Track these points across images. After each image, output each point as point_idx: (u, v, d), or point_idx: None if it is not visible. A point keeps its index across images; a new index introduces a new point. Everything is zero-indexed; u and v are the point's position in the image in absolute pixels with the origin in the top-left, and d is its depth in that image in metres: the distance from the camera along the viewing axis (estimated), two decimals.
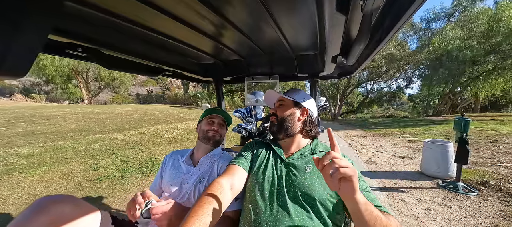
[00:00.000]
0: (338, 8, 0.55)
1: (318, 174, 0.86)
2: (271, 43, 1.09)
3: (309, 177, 0.85)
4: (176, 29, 0.87)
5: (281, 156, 0.97)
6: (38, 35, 0.46)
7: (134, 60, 1.10)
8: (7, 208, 2.41)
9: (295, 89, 1.10)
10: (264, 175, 0.91)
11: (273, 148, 1.01)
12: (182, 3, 0.67)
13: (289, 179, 0.87)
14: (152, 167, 3.94)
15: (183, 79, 1.66)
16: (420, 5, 0.54)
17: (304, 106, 1.02)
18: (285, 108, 1.02)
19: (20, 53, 0.43)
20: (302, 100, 1.02)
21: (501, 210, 2.66)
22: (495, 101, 20.97)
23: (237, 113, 2.57)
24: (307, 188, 0.82)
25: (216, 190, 0.78)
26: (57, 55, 0.85)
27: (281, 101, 1.05)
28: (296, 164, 0.91)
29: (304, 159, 0.93)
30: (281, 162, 0.95)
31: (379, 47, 0.81)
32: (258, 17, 0.78)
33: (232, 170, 0.92)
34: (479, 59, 13.91)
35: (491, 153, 5.10)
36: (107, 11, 0.69)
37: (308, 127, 1.02)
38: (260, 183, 0.89)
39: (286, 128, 0.99)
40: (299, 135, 1.01)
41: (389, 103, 31.41)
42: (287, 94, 1.05)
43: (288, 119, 0.99)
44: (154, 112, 12.42)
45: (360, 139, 8.65)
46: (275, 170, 0.92)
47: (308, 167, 0.89)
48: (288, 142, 1.01)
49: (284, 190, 0.84)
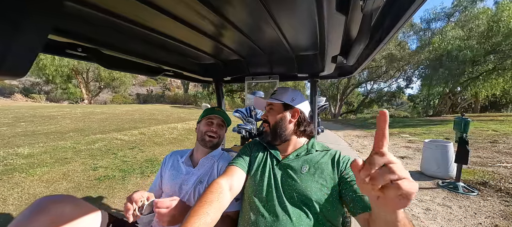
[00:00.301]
0: (338, 8, 0.55)
1: (314, 174, 0.86)
2: (271, 43, 1.08)
3: (305, 178, 0.85)
4: (176, 29, 0.87)
5: (277, 157, 0.96)
6: (38, 35, 0.46)
7: (134, 60, 1.10)
8: (7, 208, 2.41)
9: (282, 88, 1.05)
10: (261, 177, 0.91)
11: (270, 150, 1.00)
12: (182, 3, 0.67)
13: (286, 181, 0.87)
14: (152, 167, 3.94)
15: (183, 79, 1.66)
16: (420, 5, 0.54)
17: (294, 107, 0.99)
18: (275, 113, 0.99)
19: (20, 53, 0.43)
20: (291, 101, 0.99)
21: (501, 210, 2.66)
22: (495, 101, 20.97)
23: (237, 113, 2.57)
24: (303, 189, 0.82)
25: (215, 190, 0.78)
26: (57, 55, 0.85)
27: (270, 105, 1.02)
28: (292, 165, 0.91)
29: (300, 160, 0.93)
30: (278, 163, 0.94)
31: (379, 47, 0.81)
32: (258, 17, 0.78)
33: (231, 171, 0.92)
34: (479, 59, 13.92)
35: (491, 153, 5.10)
36: (107, 11, 0.69)
37: (302, 127, 1.00)
38: (258, 185, 0.90)
39: (280, 134, 0.97)
40: (294, 137, 1.00)
41: (389, 103, 31.37)
42: (275, 97, 1.02)
43: (280, 124, 0.97)
44: (154, 112, 12.42)
45: (360, 139, 8.65)
46: (272, 172, 0.92)
47: (304, 167, 0.88)
48: (284, 145, 1.00)
49: (281, 192, 0.84)
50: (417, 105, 25.20)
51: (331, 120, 21.75)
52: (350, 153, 6.02)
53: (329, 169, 0.87)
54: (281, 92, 1.03)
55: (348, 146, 7.21)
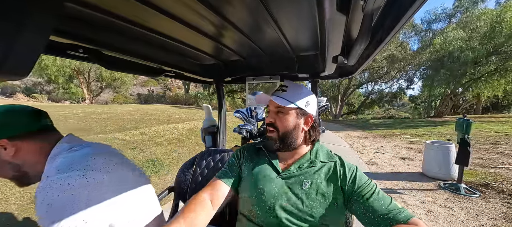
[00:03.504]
0: (339, 8, 0.55)
1: (316, 190, 0.78)
2: (271, 44, 1.08)
3: (306, 195, 0.78)
4: (177, 29, 0.87)
5: (277, 168, 0.85)
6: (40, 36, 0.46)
7: (135, 61, 1.11)
8: (9, 207, 2.42)
9: (294, 85, 0.87)
10: (257, 189, 0.83)
11: (268, 158, 0.89)
12: (183, 4, 0.67)
13: (285, 195, 0.79)
14: (153, 167, 3.94)
15: (184, 79, 1.67)
16: (420, 5, 0.53)
17: (308, 113, 0.85)
18: (287, 117, 0.82)
19: (22, 54, 0.43)
20: (306, 105, 0.83)
21: (503, 211, 2.64)
22: (497, 102, 20.85)
23: (238, 114, 2.58)
24: (305, 207, 0.76)
25: (199, 203, 0.77)
26: (58, 56, 0.86)
27: (280, 107, 0.83)
28: (293, 179, 0.82)
29: (302, 173, 0.82)
30: (277, 175, 0.84)
31: (379, 47, 0.81)
32: (259, 17, 0.78)
33: (215, 185, 0.86)
34: (480, 60, 13.86)
35: (493, 155, 5.07)
36: (108, 12, 0.69)
37: (313, 135, 0.88)
38: (255, 197, 0.82)
39: (290, 144, 0.83)
40: (302, 145, 0.87)
41: (390, 104, 31.31)
42: (287, 97, 0.82)
43: (292, 133, 0.83)
44: (155, 112, 12.44)
45: (361, 140, 8.63)
46: (270, 184, 0.82)
47: (306, 182, 0.79)
48: (287, 154, 0.88)
49: (279, 206, 0.78)
50: (419, 106, 25.12)
51: (332, 121, 21.72)
52: (352, 154, 6.01)
53: (333, 182, 0.80)
54: (293, 91, 0.84)
55: (349, 146, 7.20)
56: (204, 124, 1.98)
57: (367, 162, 5.07)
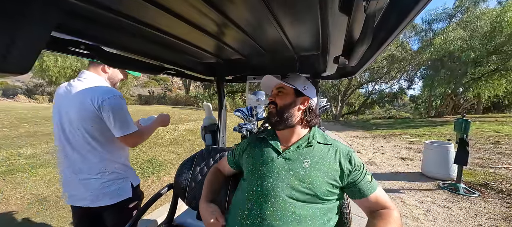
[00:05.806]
0: (341, 9, 0.55)
1: (317, 167, 0.85)
2: (273, 43, 1.09)
3: (308, 173, 0.84)
4: (179, 27, 0.87)
5: (277, 149, 0.94)
6: (41, 32, 0.47)
7: (136, 58, 1.11)
8: (10, 208, 2.43)
9: (295, 75, 1.04)
10: (258, 171, 0.90)
11: (269, 141, 0.98)
12: (185, 1, 0.67)
13: (286, 173, 0.85)
14: (153, 167, 3.94)
15: (184, 77, 1.67)
16: (423, 6, 0.54)
17: (305, 95, 0.96)
18: (285, 96, 0.96)
19: (23, 50, 0.43)
20: (303, 89, 0.97)
21: (502, 211, 2.64)
22: (497, 102, 20.85)
23: (238, 113, 2.58)
24: (306, 182, 0.82)
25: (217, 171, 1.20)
26: (60, 52, 0.85)
27: (280, 88, 0.99)
28: (293, 157, 0.89)
29: (301, 152, 0.90)
30: (278, 155, 0.92)
31: (381, 48, 0.81)
32: (261, 17, 0.78)
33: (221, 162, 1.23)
34: (481, 60, 13.84)
35: (493, 155, 5.07)
36: (110, 9, 0.70)
37: (309, 117, 0.97)
38: (258, 178, 0.88)
39: (286, 118, 0.93)
40: (299, 126, 0.96)
41: (390, 104, 31.33)
42: (287, 80, 0.99)
43: (288, 109, 0.94)
44: (155, 113, 12.44)
45: (361, 140, 8.64)
46: (271, 164, 0.89)
47: (306, 161, 0.87)
48: (286, 134, 0.97)
49: (281, 183, 0.83)
50: (419, 106, 25.13)
51: (332, 121, 21.72)
52: None
53: (331, 163, 0.87)
54: (293, 78, 1.01)
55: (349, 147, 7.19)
56: (204, 122, 1.97)
57: (367, 162, 5.08)
